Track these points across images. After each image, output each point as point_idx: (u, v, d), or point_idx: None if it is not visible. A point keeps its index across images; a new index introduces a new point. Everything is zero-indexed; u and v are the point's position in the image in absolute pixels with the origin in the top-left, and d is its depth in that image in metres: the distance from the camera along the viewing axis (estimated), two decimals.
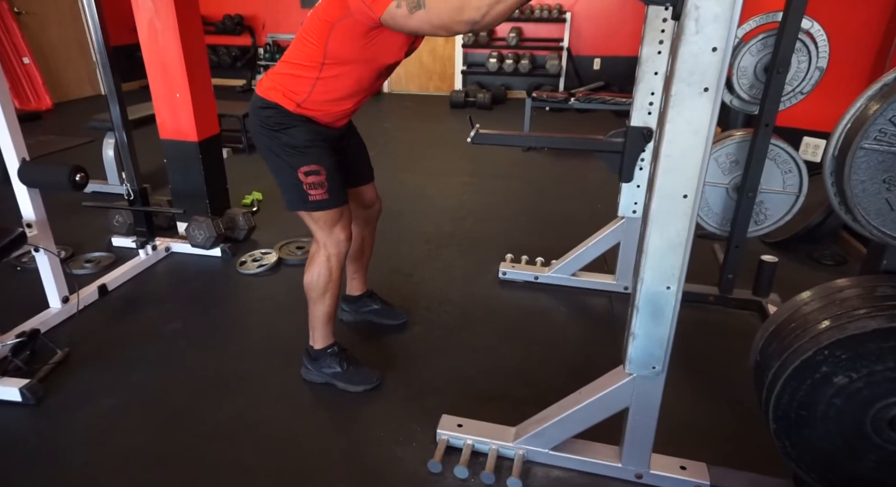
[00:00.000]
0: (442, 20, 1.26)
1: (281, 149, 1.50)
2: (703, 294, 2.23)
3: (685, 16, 0.96)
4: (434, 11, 1.26)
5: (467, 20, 1.24)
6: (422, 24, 1.28)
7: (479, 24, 1.25)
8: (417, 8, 1.26)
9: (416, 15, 1.27)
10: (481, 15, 1.23)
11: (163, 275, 2.47)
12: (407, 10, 1.27)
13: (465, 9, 1.24)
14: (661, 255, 1.14)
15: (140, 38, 2.40)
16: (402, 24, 1.30)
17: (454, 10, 1.25)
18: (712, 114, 1.02)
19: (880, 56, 2.64)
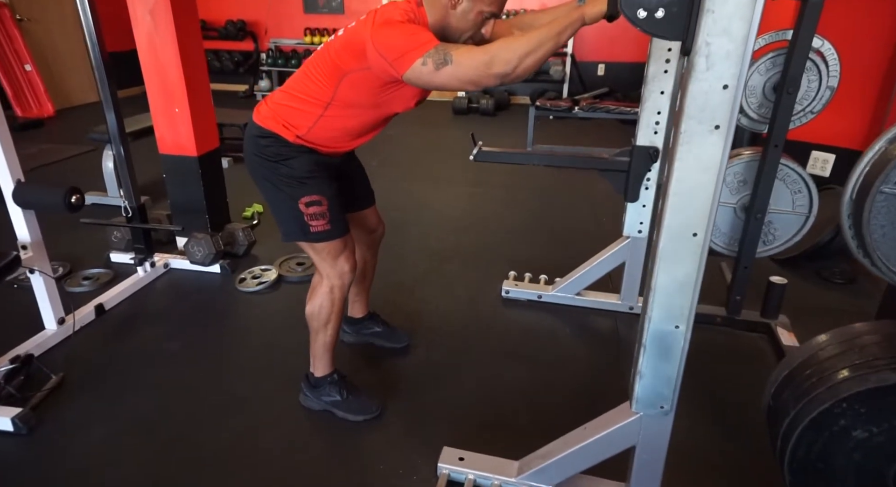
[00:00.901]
0: (470, 76, 1.22)
1: (280, 179, 1.47)
2: (710, 315, 2.18)
3: (695, 52, 0.93)
4: (462, 67, 1.21)
5: (497, 74, 1.21)
6: (449, 79, 1.23)
7: (510, 78, 1.21)
8: (444, 64, 1.21)
9: (442, 71, 1.22)
10: (512, 68, 1.19)
11: (161, 293, 2.43)
12: (433, 67, 1.22)
13: (494, 63, 1.20)
14: (670, 294, 1.10)
15: (139, 53, 2.37)
16: (428, 80, 1.25)
17: (483, 65, 1.20)
18: (723, 152, 0.98)
19: (892, 70, 2.59)
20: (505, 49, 1.20)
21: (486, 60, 1.20)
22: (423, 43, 1.23)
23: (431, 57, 1.22)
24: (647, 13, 0.96)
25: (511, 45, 1.21)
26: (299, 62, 6.96)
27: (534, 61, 1.20)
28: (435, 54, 1.22)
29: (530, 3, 6.47)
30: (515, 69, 1.20)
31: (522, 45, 1.19)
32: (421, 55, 1.22)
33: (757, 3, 0.88)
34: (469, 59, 1.21)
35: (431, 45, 1.23)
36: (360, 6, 6.87)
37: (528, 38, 1.20)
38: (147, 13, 2.27)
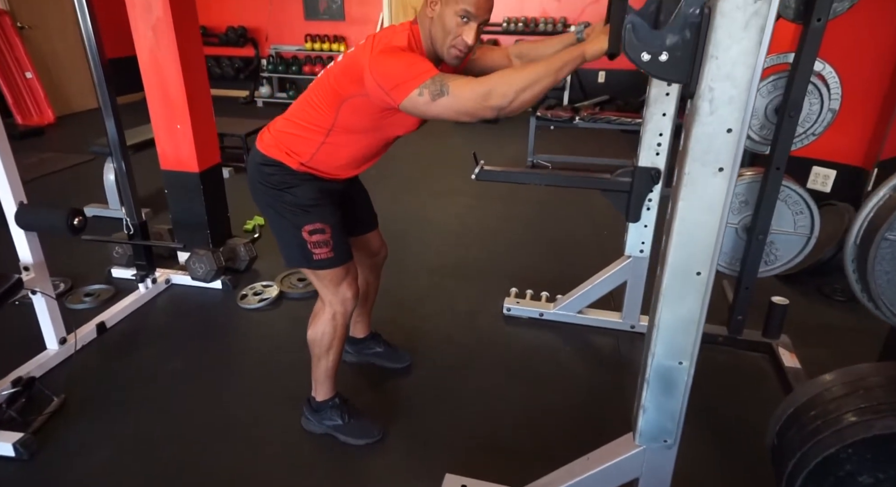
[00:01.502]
0: (466, 107, 1.22)
1: (284, 207, 1.47)
2: (712, 334, 2.18)
3: (699, 96, 0.93)
4: (459, 99, 1.21)
5: (493, 106, 1.20)
6: (445, 110, 1.23)
7: (506, 110, 1.21)
8: (441, 95, 1.21)
9: (439, 102, 1.21)
10: (508, 101, 1.19)
11: (162, 310, 2.43)
12: (430, 97, 1.21)
13: (491, 95, 1.19)
14: (674, 331, 1.10)
15: (141, 70, 2.37)
16: (424, 110, 1.25)
17: (480, 97, 1.20)
18: (727, 194, 0.98)
19: (893, 87, 2.60)
20: (502, 82, 1.20)
21: (482, 92, 1.20)
22: (420, 73, 1.23)
23: (428, 87, 1.21)
24: (651, 57, 0.96)
25: (509, 79, 1.20)
26: (300, 69, 6.97)
27: (531, 95, 1.20)
28: (432, 85, 1.21)
29: (531, 10, 6.48)
30: (511, 102, 1.20)
31: (520, 79, 1.19)
32: (418, 85, 1.22)
33: (760, 50, 0.88)
34: (466, 90, 1.21)
35: (429, 76, 1.23)
36: (360, 12, 6.88)
37: (526, 72, 1.20)
38: (149, 29, 2.27)
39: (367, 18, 6.89)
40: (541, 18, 6.42)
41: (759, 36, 0.87)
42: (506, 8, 6.51)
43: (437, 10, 1.33)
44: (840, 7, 1.75)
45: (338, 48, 6.92)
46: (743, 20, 0.87)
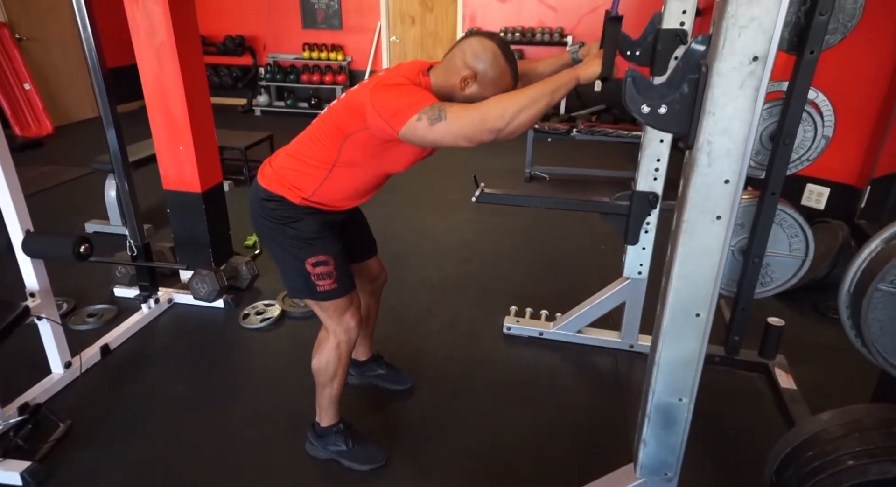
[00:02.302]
0: (465, 131, 1.24)
1: (287, 240, 1.49)
2: (709, 354, 2.19)
3: (698, 149, 0.96)
4: (456, 123, 1.23)
5: (490, 129, 1.22)
6: (444, 135, 1.24)
7: (503, 133, 1.23)
8: (439, 120, 1.23)
9: (437, 127, 1.23)
10: (505, 123, 1.21)
11: (165, 331, 2.45)
12: (428, 122, 1.23)
13: (488, 119, 1.22)
14: (674, 369, 1.13)
15: (145, 94, 2.39)
16: (422, 136, 1.26)
17: (478, 120, 1.22)
18: (725, 240, 1.01)
19: (884, 108, 2.64)
20: (499, 105, 1.23)
21: (480, 116, 1.22)
22: (419, 100, 1.26)
23: (426, 113, 1.24)
24: (651, 109, 1.00)
25: (505, 102, 1.23)
26: (297, 77, 6.99)
27: (528, 118, 1.22)
28: (430, 111, 1.24)
29: (528, 20, 6.52)
30: (509, 124, 1.22)
31: (516, 102, 1.22)
32: (416, 112, 1.24)
33: (756, 108, 0.91)
34: (463, 115, 1.23)
35: (427, 103, 1.25)
36: (358, 21, 6.91)
37: (522, 95, 1.23)
38: (154, 55, 2.29)
39: (364, 27, 6.93)
40: (538, 28, 6.46)
41: (754, 94, 0.91)
42: (503, 17, 6.55)
43: (472, 89, 1.38)
44: (832, 39, 1.79)
45: (335, 57, 6.96)
46: (739, 80, 0.90)
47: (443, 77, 1.40)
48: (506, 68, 1.38)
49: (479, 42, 1.37)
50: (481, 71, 1.37)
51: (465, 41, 1.39)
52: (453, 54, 1.40)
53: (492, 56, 1.36)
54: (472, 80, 1.37)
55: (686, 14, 1.78)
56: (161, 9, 2.20)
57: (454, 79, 1.38)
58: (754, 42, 0.87)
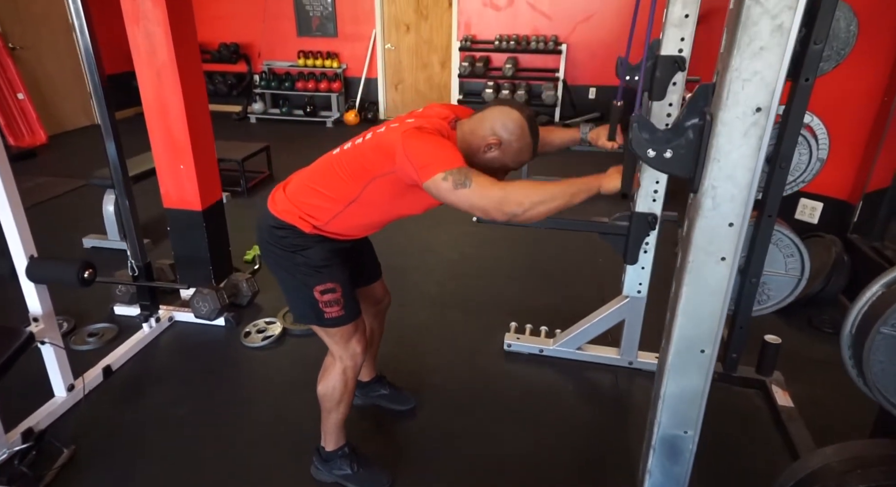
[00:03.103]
0: (483, 205, 1.27)
1: (295, 268, 1.50)
2: None
3: (703, 193, 0.99)
4: (478, 194, 1.26)
5: (507, 212, 1.27)
6: (463, 202, 1.28)
7: (518, 218, 1.27)
8: (463, 186, 1.26)
9: (459, 192, 1.26)
10: (522, 210, 1.26)
11: (167, 350, 2.45)
12: (452, 185, 1.26)
13: (507, 202, 1.26)
14: (678, 403, 1.15)
15: (146, 113, 2.39)
16: (444, 195, 1.29)
17: (497, 200, 1.26)
18: (729, 280, 1.04)
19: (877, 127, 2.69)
20: (521, 192, 1.27)
21: (501, 197, 1.26)
22: (450, 159, 1.29)
23: (454, 175, 1.27)
24: (657, 153, 1.02)
25: (528, 190, 1.27)
26: (292, 85, 6.99)
27: (545, 211, 1.27)
28: (458, 174, 1.27)
29: (522, 28, 6.56)
30: (525, 213, 1.27)
31: (538, 194, 1.27)
32: (445, 170, 1.27)
33: (759, 155, 0.94)
34: (487, 189, 1.27)
35: (457, 164, 1.28)
36: (353, 29, 6.92)
37: (544, 190, 1.28)
38: (155, 75, 2.30)
39: (359, 35, 6.94)
40: (532, 36, 6.50)
41: (758, 143, 0.93)
42: (498, 25, 6.59)
43: (493, 154, 1.44)
44: (827, 66, 1.82)
45: (330, 64, 6.96)
46: (742, 129, 0.93)
47: (468, 136, 1.45)
48: (529, 143, 1.45)
49: (510, 113, 1.43)
50: (506, 140, 1.43)
51: (498, 108, 1.45)
52: (483, 117, 1.45)
53: (519, 129, 1.43)
54: (497, 146, 1.43)
55: (684, 41, 1.80)
56: (162, 30, 2.20)
57: (479, 142, 1.44)
58: (757, 94, 0.90)
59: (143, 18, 2.18)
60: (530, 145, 1.46)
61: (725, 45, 0.92)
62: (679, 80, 1.86)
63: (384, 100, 7.26)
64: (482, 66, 6.60)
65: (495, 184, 1.28)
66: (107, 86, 2.13)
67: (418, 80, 7.16)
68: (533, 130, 1.45)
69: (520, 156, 1.46)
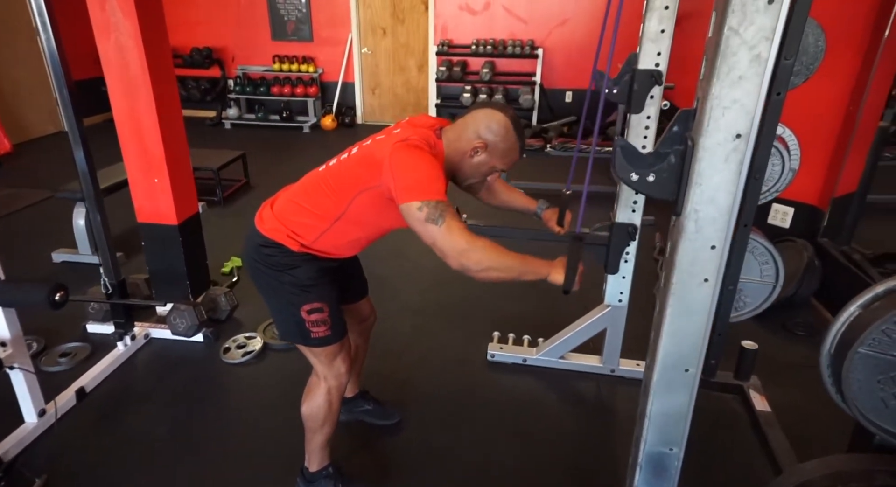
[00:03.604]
0: (442, 247, 1.29)
1: (282, 287, 1.48)
2: None
3: (685, 217, 1.00)
4: (445, 236, 1.28)
5: (463, 264, 1.29)
6: (427, 236, 1.30)
7: (469, 273, 1.30)
8: (434, 223, 1.28)
9: (429, 226, 1.28)
10: (477, 269, 1.29)
11: (143, 368, 2.39)
12: (424, 218, 1.28)
13: (468, 255, 1.28)
14: (664, 421, 1.17)
15: (118, 127, 2.32)
16: (412, 223, 1.31)
17: (458, 250, 1.28)
18: (712, 301, 1.06)
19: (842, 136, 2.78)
20: (483, 252, 1.29)
21: (464, 249, 1.28)
22: (432, 189, 1.30)
23: (430, 208, 1.28)
24: (640, 177, 1.03)
25: (489, 253, 1.29)
26: (268, 90, 6.90)
27: (494, 277, 1.30)
28: (434, 208, 1.28)
29: (499, 32, 6.59)
30: (477, 272, 1.30)
31: (496, 261, 1.30)
32: (423, 199, 1.28)
33: (740, 179, 0.96)
34: (454, 235, 1.28)
35: (437, 197, 1.29)
36: (329, 33, 6.87)
37: (503, 259, 1.30)
38: (127, 89, 2.23)
39: (335, 39, 6.89)
40: (509, 40, 6.54)
41: (738, 168, 0.95)
42: (474, 30, 6.61)
43: (481, 157, 1.45)
44: (797, 80, 1.87)
45: (306, 69, 6.89)
46: (723, 155, 0.94)
47: (454, 143, 1.45)
48: (515, 142, 1.45)
49: (493, 115, 1.43)
50: (492, 142, 1.43)
51: (480, 111, 1.45)
52: (466, 122, 1.45)
53: (504, 130, 1.43)
54: (483, 149, 1.44)
55: (661, 56, 1.83)
56: (134, 42, 2.15)
57: (465, 146, 1.44)
58: (737, 121, 0.92)
59: (115, 31, 2.12)
60: (517, 144, 1.46)
61: (705, 74, 0.93)
62: (656, 93, 1.89)
63: (361, 105, 7.22)
64: (459, 71, 6.61)
65: (464, 232, 1.29)
66: (74, 92, 2.07)
67: (396, 84, 7.13)
68: (518, 129, 1.45)
69: (508, 156, 1.47)
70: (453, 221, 1.29)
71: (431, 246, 1.32)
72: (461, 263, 1.29)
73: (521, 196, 1.85)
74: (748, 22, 0.85)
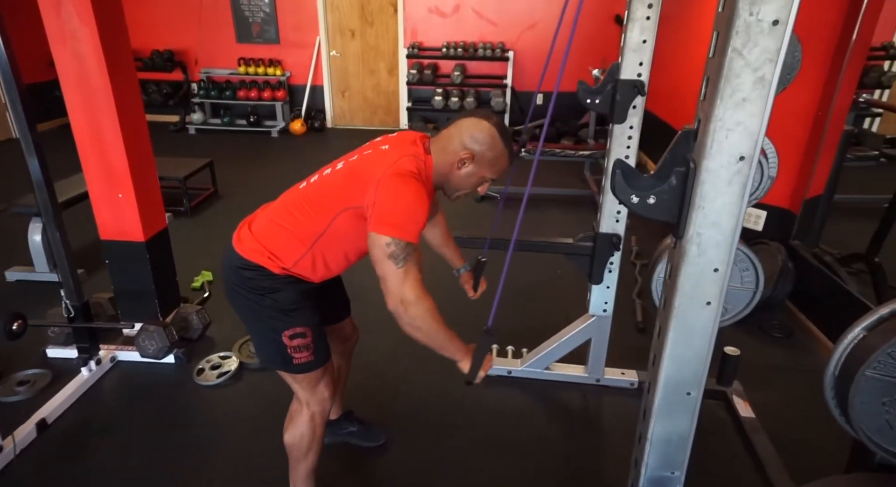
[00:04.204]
0: (392, 289, 1.27)
1: (263, 311, 1.41)
2: None
3: (688, 240, 0.97)
4: (398, 280, 1.26)
5: (399, 312, 1.28)
6: (383, 269, 1.27)
7: (399, 320, 1.30)
8: (395, 263, 1.26)
9: (388, 264, 1.26)
10: (408, 322, 1.28)
11: (110, 396, 2.26)
12: (387, 253, 1.25)
13: (409, 307, 1.27)
14: (666, 445, 1.14)
15: (77, 139, 2.19)
16: (373, 251, 1.28)
17: (404, 298, 1.26)
18: (714, 322, 1.04)
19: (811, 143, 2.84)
20: (423, 313, 1.29)
21: (410, 300, 1.27)
22: (408, 231, 1.27)
23: (398, 247, 1.25)
24: (640, 199, 1.00)
25: (427, 318, 1.30)
26: (234, 93, 6.71)
27: (417, 336, 1.32)
28: (402, 250, 1.26)
29: (470, 35, 6.57)
30: (405, 324, 1.30)
31: (428, 325, 1.30)
32: (394, 237, 1.25)
33: (743, 202, 0.94)
34: (407, 283, 1.26)
35: (408, 238, 1.27)
36: (297, 36, 6.73)
37: (435, 328, 1.32)
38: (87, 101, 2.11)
39: (303, 42, 6.75)
40: (479, 43, 6.52)
41: (741, 190, 0.93)
42: (445, 33, 6.57)
43: (469, 168, 1.41)
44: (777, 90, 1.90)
45: (274, 72, 6.73)
46: (727, 177, 0.92)
47: (441, 156, 1.41)
48: (503, 150, 1.41)
49: (478, 124, 1.38)
50: (478, 152, 1.39)
51: (464, 121, 1.40)
52: (451, 133, 1.41)
53: (490, 138, 1.38)
54: (470, 160, 1.40)
55: (643, 66, 1.82)
56: (92, 50, 2.03)
57: (452, 158, 1.40)
58: (740, 144, 0.89)
59: (71, 38, 2.00)
60: (504, 152, 1.42)
61: (707, 95, 0.90)
62: (639, 103, 1.88)
63: (331, 108, 7.10)
64: (430, 74, 6.56)
65: (416, 284, 1.28)
66: (26, 97, 1.92)
67: (366, 88, 7.04)
68: (504, 137, 1.41)
69: (496, 165, 1.43)
70: (413, 268, 1.27)
71: (380, 279, 1.29)
72: (398, 310, 1.28)
73: (453, 248, 1.90)
74: (752, 44, 0.83)
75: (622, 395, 2.30)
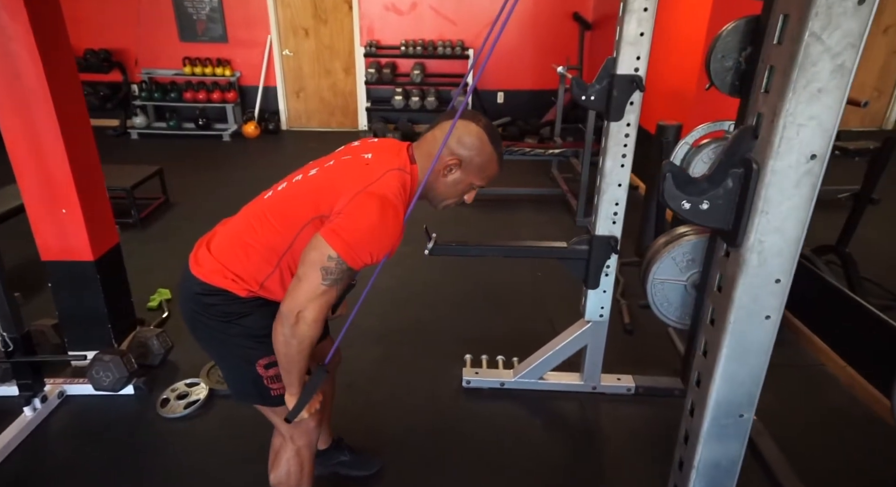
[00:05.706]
0: (299, 299, 1.14)
1: (232, 340, 1.24)
2: (667, 388, 2.24)
3: (748, 249, 0.88)
4: (313, 296, 1.13)
5: (286, 323, 1.15)
6: (306, 276, 1.14)
7: (279, 328, 1.17)
8: (322, 278, 1.13)
9: (315, 274, 1.13)
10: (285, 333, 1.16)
11: (61, 436, 2.00)
12: (323, 266, 1.13)
13: (301, 325, 1.14)
14: (714, 471, 1.05)
15: (9, 150, 1.92)
16: (308, 254, 1.15)
17: (302, 315, 1.14)
18: (772, 338, 0.95)
19: None
20: (308, 337, 1.17)
21: (306, 318, 1.14)
22: (356, 258, 1.15)
23: (337, 266, 1.14)
24: (692, 205, 0.90)
25: (307, 342, 1.18)
26: (179, 95, 6.32)
27: (280, 351, 1.19)
28: (339, 271, 1.14)
29: (428, 33, 6.43)
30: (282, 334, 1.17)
31: (299, 349, 1.18)
32: (341, 256, 1.13)
33: (810, 206, 0.85)
34: (317, 302, 1.14)
35: (353, 264, 1.15)
36: (246, 34, 6.40)
37: (303, 355, 1.20)
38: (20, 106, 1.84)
39: (253, 41, 6.42)
40: (438, 41, 6.39)
41: (811, 192, 0.84)
42: (402, 31, 6.40)
43: (456, 175, 1.27)
44: None
45: (222, 72, 6.38)
46: (795, 178, 0.83)
47: (426, 161, 1.27)
48: (492, 153, 1.27)
49: (465, 126, 1.24)
50: (466, 157, 1.25)
51: (448, 124, 1.24)
52: (435, 137, 1.26)
53: (479, 142, 1.25)
54: (457, 167, 1.26)
55: (640, 60, 1.74)
56: (26, 48, 1.77)
57: (437, 165, 1.26)
58: (813, 141, 0.80)
59: (0, 35, 1.73)
60: (494, 156, 1.29)
61: (776, 87, 0.81)
62: (636, 99, 1.80)
63: (286, 110, 6.80)
64: (389, 72, 6.38)
65: (323, 310, 1.16)
66: None
67: (322, 88, 6.78)
68: (494, 140, 1.28)
69: (485, 170, 1.30)
70: (333, 294, 1.16)
71: (296, 278, 1.16)
72: (290, 319, 1.14)
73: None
74: (833, 26, 0.74)
75: (620, 402, 2.23)
